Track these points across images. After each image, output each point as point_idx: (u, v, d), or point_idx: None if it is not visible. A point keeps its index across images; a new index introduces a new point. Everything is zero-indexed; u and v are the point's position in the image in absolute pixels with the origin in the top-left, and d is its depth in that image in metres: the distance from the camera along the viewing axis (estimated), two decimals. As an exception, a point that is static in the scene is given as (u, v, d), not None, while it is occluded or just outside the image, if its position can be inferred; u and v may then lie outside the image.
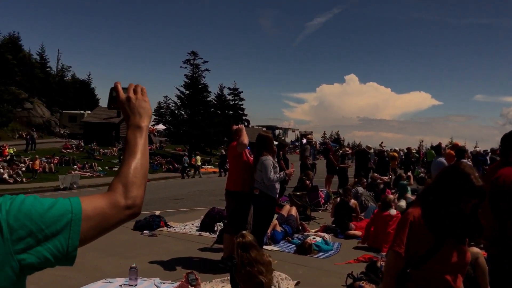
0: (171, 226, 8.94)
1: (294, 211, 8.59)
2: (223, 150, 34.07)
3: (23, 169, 23.04)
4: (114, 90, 1.37)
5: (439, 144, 10.22)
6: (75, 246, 1.02)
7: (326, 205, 11.53)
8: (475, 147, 23.79)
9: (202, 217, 9.03)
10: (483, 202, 2.24)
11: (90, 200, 1.09)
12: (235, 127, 6.51)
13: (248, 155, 6.53)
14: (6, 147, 27.30)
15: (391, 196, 8.33)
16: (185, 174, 27.73)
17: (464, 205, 2.18)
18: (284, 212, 8.55)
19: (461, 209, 2.18)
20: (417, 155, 25.38)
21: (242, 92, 54.54)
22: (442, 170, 2.45)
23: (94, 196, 1.11)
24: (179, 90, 41.30)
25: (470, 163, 9.00)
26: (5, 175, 20.53)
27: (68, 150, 34.01)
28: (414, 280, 2.25)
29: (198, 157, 29.94)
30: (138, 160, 1.21)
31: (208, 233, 8.41)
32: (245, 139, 6.27)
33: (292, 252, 7.17)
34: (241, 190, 6.31)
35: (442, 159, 9.71)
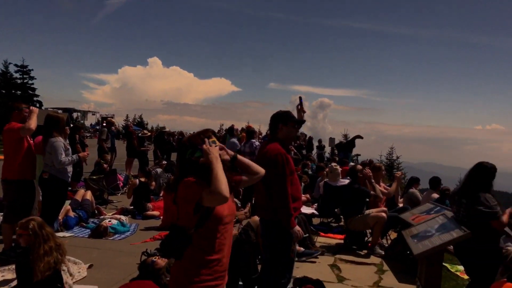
0: None
1: (89, 195, 8.27)
2: None
3: None
4: None
5: (232, 126, 11.04)
6: None
7: (125, 188, 11.37)
8: (268, 130, 26.31)
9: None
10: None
11: None
12: (25, 107, 5.85)
13: (29, 138, 5.99)
14: None
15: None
16: None
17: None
18: (78, 196, 8.16)
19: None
20: (217, 135, 26.89)
21: (32, 70, 48.92)
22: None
23: None
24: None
25: (258, 143, 9.98)
26: None
27: None
28: (195, 243, 2.44)
29: None
30: None
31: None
32: (33, 124, 5.69)
33: (87, 236, 6.93)
34: (23, 179, 5.79)
35: (235, 140, 10.54)
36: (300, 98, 4.17)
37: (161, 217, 8.19)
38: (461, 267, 6.60)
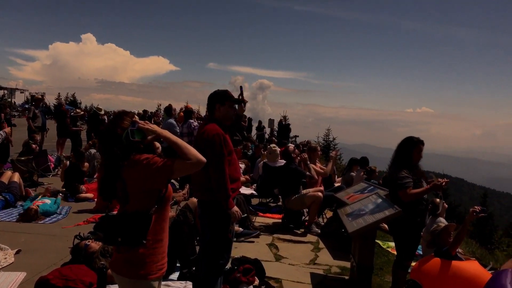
0: None
1: (16, 177, 7.80)
2: None
3: None
4: None
5: (170, 105, 10.77)
6: None
7: (56, 170, 10.87)
8: (207, 111, 26.08)
9: None
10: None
11: None
12: None
13: None
14: None
15: None
16: None
17: None
18: (5, 179, 7.67)
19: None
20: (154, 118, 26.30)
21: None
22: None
23: None
24: None
25: (196, 123, 9.86)
26: None
27: None
28: (156, 223, 2.41)
29: None
30: None
31: None
32: None
33: (15, 220, 6.56)
34: None
35: (172, 120, 10.32)
36: (241, 88, 4.10)
37: (95, 199, 7.90)
38: (392, 244, 6.93)
